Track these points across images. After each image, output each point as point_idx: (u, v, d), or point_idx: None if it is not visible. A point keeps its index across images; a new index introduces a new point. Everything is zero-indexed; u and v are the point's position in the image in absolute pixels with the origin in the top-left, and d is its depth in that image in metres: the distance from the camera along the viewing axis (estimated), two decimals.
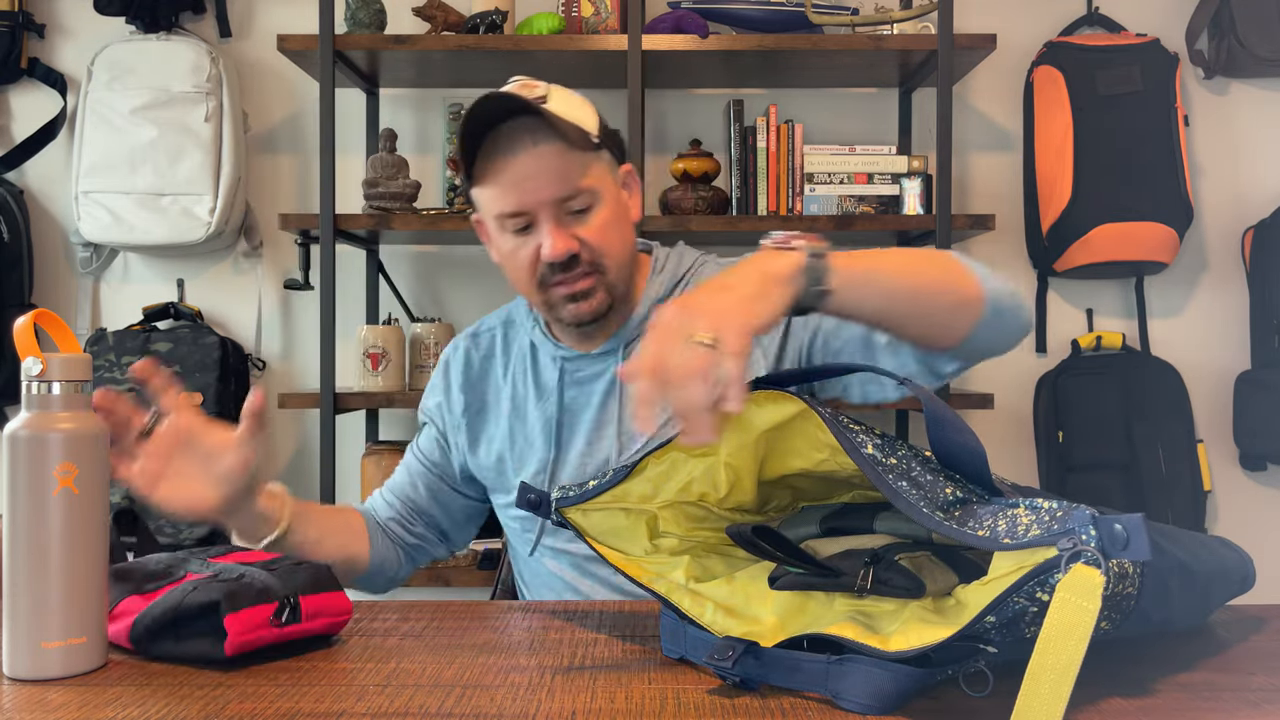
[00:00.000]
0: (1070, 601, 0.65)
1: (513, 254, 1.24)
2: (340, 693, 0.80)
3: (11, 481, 0.82)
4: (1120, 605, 0.81)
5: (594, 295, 1.23)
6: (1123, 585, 0.80)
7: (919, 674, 0.76)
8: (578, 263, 1.22)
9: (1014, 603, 0.70)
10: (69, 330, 0.88)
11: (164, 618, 0.87)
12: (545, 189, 1.19)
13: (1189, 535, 0.96)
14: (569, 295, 1.23)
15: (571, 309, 1.24)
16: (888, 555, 0.81)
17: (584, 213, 1.22)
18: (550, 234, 1.20)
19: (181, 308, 2.50)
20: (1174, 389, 2.45)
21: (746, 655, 0.81)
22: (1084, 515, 0.68)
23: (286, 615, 0.89)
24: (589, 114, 1.25)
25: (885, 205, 2.35)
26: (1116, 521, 0.66)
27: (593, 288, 1.23)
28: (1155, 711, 0.75)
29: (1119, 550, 0.66)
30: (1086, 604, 0.65)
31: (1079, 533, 0.67)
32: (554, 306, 1.25)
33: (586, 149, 1.21)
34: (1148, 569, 0.83)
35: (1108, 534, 0.67)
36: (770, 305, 0.91)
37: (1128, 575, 0.80)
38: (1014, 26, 2.55)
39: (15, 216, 2.49)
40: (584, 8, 2.35)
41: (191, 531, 2.33)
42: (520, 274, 1.25)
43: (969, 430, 0.82)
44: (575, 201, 1.21)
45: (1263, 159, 2.57)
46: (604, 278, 1.24)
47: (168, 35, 2.44)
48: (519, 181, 1.19)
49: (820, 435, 0.87)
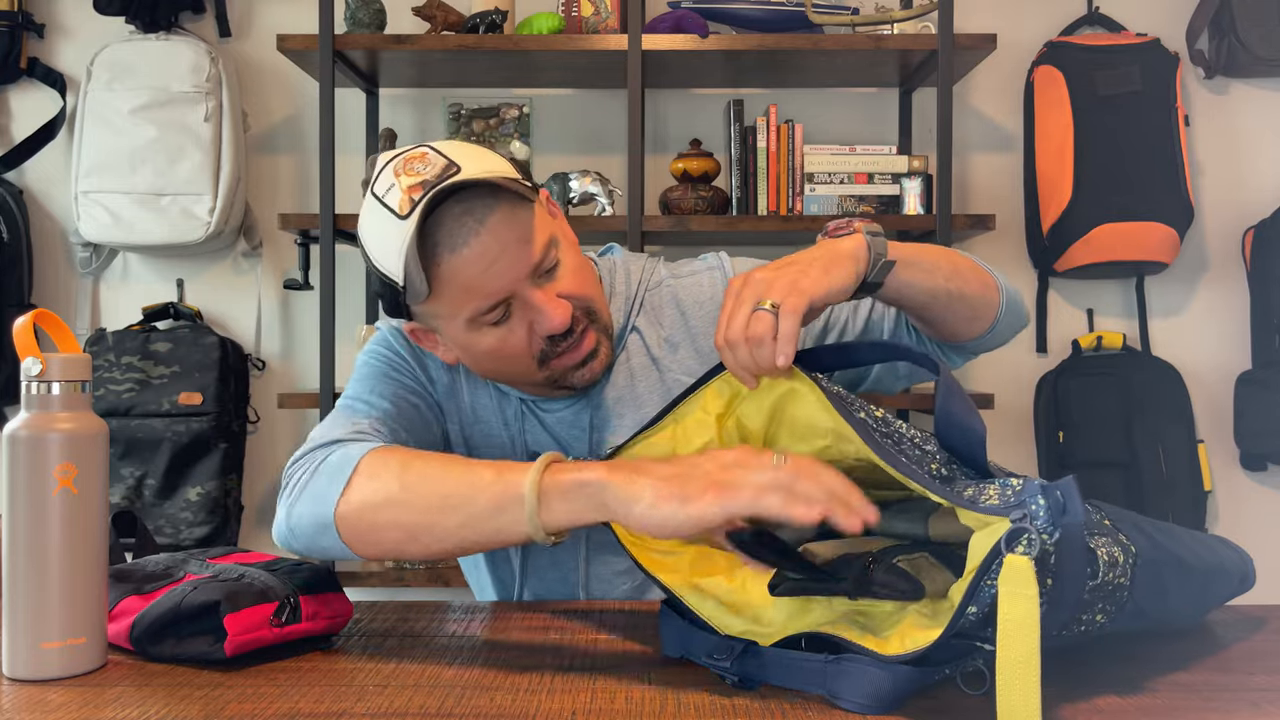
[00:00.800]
0: (1011, 593, 0.68)
1: (498, 348, 1.07)
2: (340, 693, 0.80)
3: (11, 481, 0.82)
4: (1113, 596, 0.81)
5: (600, 351, 1.12)
6: (1114, 573, 0.80)
7: (917, 673, 0.76)
8: (576, 322, 1.08)
9: (987, 588, 0.71)
10: (69, 330, 0.88)
11: (164, 618, 0.87)
12: (518, 264, 1.03)
13: (1187, 533, 0.97)
14: (579, 361, 1.10)
15: (583, 374, 1.11)
16: (886, 558, 0.82)
17: (554, 269, 1.07)
18: (544, 306, 1.05)
19: (181, 308, 2.50)
20: (1174, 389, 2.45)
21: (745, 655, 0.81)
22: (1034, 486, 0.70)
23: (286, 615, 0.90)
24: (499, 160, 1.07)
25: (885, 205, 2.35)
26: (1056, 488, 0.70)
27: (597, 343, 1.11)
28: (1155, 711, 0.75)
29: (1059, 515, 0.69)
30: (1025, 591, 0.67)
31: (1029, 503, 0.70)
32: (560, 378, 1.11)
33: (528, 199, 1.05)
34: (1143, 562, 0.83)
35: (1053, 501, 0.69)
36: (834, 278, 0.94)
37: (1118, 564, 0.80)
38: (1014, 26, 2.55)
39: (15, 216, 2.49)
40: (584, 7, 2.35)
41: (191, 533, 2.33)
42: (515, 363, 1.09)
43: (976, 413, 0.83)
44: (546, 261, 1.05)
45: (1263, 159, 2.57)
46: (599, 324, 1.12)
47: (167, 35, 2.44)
48: (486, 270, 1.02)
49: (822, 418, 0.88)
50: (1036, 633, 0.67)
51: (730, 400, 0.94)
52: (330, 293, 2.22)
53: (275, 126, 2.60)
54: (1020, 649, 0.67)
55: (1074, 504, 0.69)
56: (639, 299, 1.21)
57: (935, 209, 2.23)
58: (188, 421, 2.34)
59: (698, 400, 0.95)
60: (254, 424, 2.50)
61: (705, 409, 0.95)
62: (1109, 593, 0.80)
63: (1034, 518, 0.69)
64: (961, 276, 1.09)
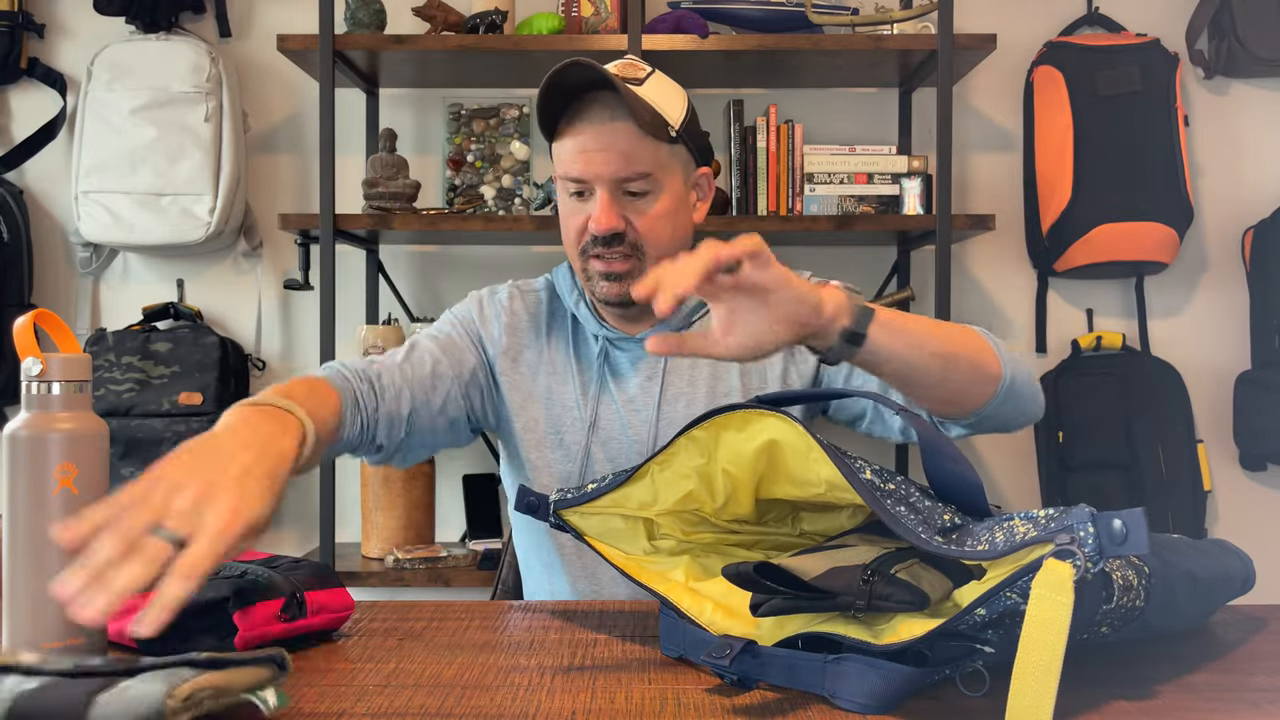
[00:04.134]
0: (1046, 597, 0.66)
1: (567, 216, 1.29)
2: (340, 693, 0.80)
3: (11, 481, 0.82)
4: (1125, 616, 0.81)
5: (628, 279, 1.26)
6: (1128, 598, 0.80)
7: (916, 674, 0.76)
8: (620, 241, 1.25)
9: (1005, 597, 0.70)
10: (69, 330, 0.88)
11: (171, 614, 0.88)
12: (607, 165, 1.23)
13: (1191, 544, 0.97)
14: (605, 272, 1.26)
15: (605, 286, 1.27)
16: (884, 569, 0.81)
17: (641, 197, 1.25)
18: (601, 207, 1.24)
19: (181, 308, 2.50)
20: (1174, 389, 2.45)
21: (744, 654, 0.81)
22: (1082, 513, 0.68)
23: (293, 611, 0.91)
24: (678, 106, 1.27)
25: (885, 205, 2.35)
26: (1115, 517, 0.67)
27: (628, 271, 1.26)
28: (1155, 711, 0.75)
29: (1117, 546, 0.67)
30: (1061, 598, 0.66)
31: (1077, 529, 0.68)
32: (590, 277, 1.29)
33: (660, 138, 1.23)
34: (1156, 581, 0.83)
35: (1105, 530, 0.67)
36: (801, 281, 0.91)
37: (1132, 588, 0.80)
38: (1014, 26, 2.55)
39: (15, 216, 2.49)
40: (584, 8, 2.35)
41: None
42: (569, 236, 1.30)
43: (965, 460, 0.82)
44: (634, 185, 1.24)
45: (1263, 159, 2.57)
46: (642, 264, 1.26)
47: (167, 35, 2.44)
48: (586, 151, 1.23)
49: (816, 468, 0.86)
50: (1063, 640, 0.65)
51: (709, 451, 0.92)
52: (330, 293, 2.22)
53: (275, 126, 2.60)
54: (1043, 653, 0.65)
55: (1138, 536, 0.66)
56: None
57: (935, 209, 2.23)
58: (188, 421, 2.34)
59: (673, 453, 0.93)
60: None
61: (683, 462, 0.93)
62: (1121, 615, 0.80)
63: (1082, 544, 0.67)
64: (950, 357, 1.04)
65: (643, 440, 1.31)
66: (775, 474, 0.91)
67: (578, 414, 1.32)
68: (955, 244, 2.51)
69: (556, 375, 1.34)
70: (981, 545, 0.73)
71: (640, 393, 1.32)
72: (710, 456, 0.92)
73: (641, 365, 1.33)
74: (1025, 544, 0.70)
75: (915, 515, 0.78)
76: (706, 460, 0.92)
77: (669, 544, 0.97)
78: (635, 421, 1.31)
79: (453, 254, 2.60)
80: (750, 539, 1.00)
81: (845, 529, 0.99)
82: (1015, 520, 0.73)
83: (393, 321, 2.40)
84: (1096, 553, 0.67)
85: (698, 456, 0.92)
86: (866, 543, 0.89)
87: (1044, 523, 0.71)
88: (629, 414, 1.32)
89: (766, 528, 1.01)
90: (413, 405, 1.24)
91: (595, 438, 1.32)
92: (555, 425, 1.33)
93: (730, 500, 0.94)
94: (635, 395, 1.32)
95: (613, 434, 1.32)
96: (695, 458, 0.92)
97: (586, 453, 1.31)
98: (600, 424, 1.32)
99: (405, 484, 2.30)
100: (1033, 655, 0.65)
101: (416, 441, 1.27)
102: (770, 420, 0.87)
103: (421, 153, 2.57)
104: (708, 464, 0.92)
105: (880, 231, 2.31)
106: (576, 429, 1.32)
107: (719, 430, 0.91)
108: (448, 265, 2.60)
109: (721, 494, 0.93)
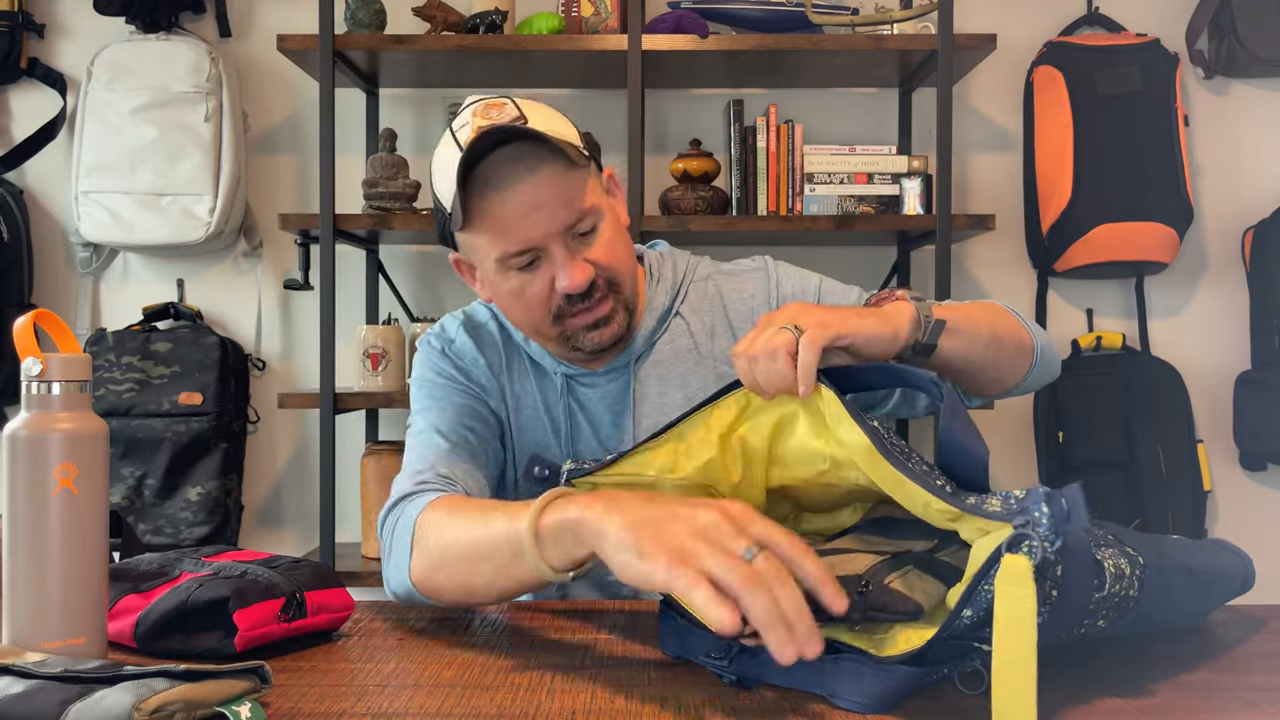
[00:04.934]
0: (1008, 593, 0.67)
1: (519, 293, 1.15)
2: (340, 693, 0.80)
3: (11, 481, 0.82)
4: (1119, 605, 0.81)
5: (614, 319, 1.18)
6: (1120, 585, 0.80)
7: (914, 673, 0.76)
8: (595, 289, 1.15)
9: (984, 592, 0.71)
10: (69, 330, 0.88)
11: (170, 614, 0.88)
12: (553, 219, 1.11)
13: (1189, 542, 0.97)
14: (590, 324, 1.17)
15: (593, 336, 1.18)
16: (878, 579, 0.81)
17: (589, 234, 1.15)
18: (566, 265, 1.12)
19: (181, 308, 2.50)
20: (1174, 389, 2.45)
21: (743, 654, 0.81)
22: (1038, 493, 0.70)
23: (293, 611, 0.91)
24: (568, 125, 1.16)
25: (885, 205, 2.35)
26: (1061, 495, 0.69)
27: (613, 311, 1.18)
28: (1155, 711, 0.76)
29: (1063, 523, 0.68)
30: (1022, 591, 0.67)
31: (1033, 509, 0.69)
32: (571, 338, 1.18)
33: (580, 165, 1.13)
34: (1150, 570, 0.83)
35: (1057, 509, 0.69)
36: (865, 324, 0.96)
37: (1125, 576, 0.80)
38: (1014, 26, 2.55)
39: (15, 216, 2.49)
40: (584, 8, 2.35)
41: (191, 533, 2.33)
42: (531, 312, 1.17)
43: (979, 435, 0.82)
44: (582, 224, 1.13)
45: (1263, 159, 2.57)
46: (620, 297, 1.18)
47: (167, 35, 2.44)
48: (524, 216, 1.10)
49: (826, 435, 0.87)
50: (1033, 634, 0.66)
51: (736, 417, 0.94)
52: (330, 293, 2.22)
53: (275, 126, 2.60)
54: (1016, 650, 0.66)
55: (1078, 511, 0.68)
56: (684, 287, 1.29)
57: (935, 209, 2.23)
58: (188, 421, 2.34)
59: (702, 418, 0.95)
60: (254, 424, 2.50)
61: (709, 426, 0.94)
62: (1115, 604, 0.80)
63: (1036, 524, 0.68)
64: (1000, 341, 1.12)
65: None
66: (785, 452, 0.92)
67: (556, 451, 1.25)
68: (955, 244, 2.51)
69: (526, 412, 1.26)
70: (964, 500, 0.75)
71: (612, 427, 1.25)
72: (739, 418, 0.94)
73: (609, 399, 1.25)
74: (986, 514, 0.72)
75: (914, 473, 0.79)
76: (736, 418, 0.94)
77: None
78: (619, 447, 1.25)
79: None
80: None
81: (845, 527, 0.99)
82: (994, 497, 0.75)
83: (393, 321, 2.40)
84: (1053, 531, 0.68)
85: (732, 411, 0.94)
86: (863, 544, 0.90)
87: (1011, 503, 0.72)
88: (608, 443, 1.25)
89: None
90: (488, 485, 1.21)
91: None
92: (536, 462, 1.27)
93: (744, 480, 0.94)
94: (609, 432, 1.25)
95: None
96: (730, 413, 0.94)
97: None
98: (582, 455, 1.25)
99: None
100: (1006, 653, 0.66)
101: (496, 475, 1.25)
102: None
103: (421, 153, 2.57)
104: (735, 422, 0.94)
105: (880, 231, 2.31)
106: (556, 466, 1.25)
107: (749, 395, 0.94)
108: (447, 265, 2.58)
109: (738, 467, 0.94)
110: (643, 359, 1.25)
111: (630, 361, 1.24)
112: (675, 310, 1.27)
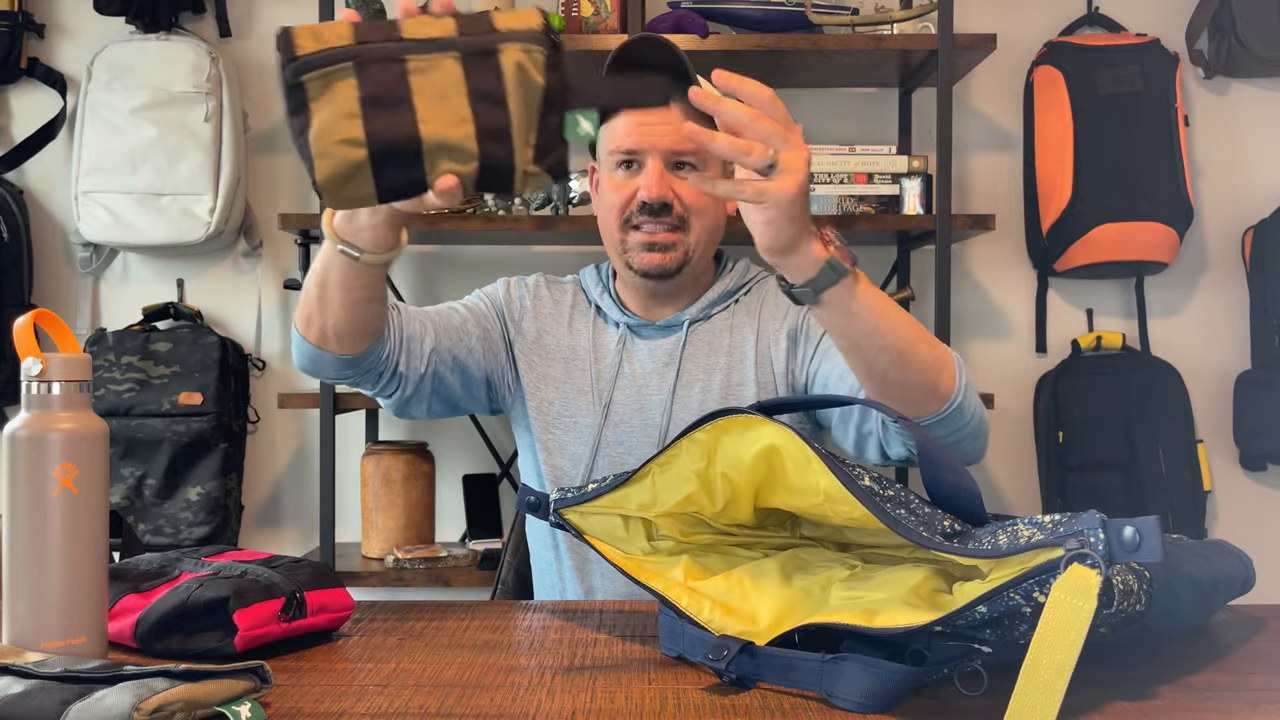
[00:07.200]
0: (1065, 601, 0.65)
1: (612, 188, 1.31)
2: (340, 693, 0.80)
3: (11, 481, 0.82)
4: (1125, 619, 0.81)
5: (672, 250, 1.30)
6: (1128, 602, 0.80)
7: (913, 673, 0.76)
8: (668, 212, 1.28)
9: (1008, 598, 0.70)
10: (69, 330, 0.88)
11: (171, 614, 0.88)
12: (664, 137, 1.26)
13: (1191, 546, 0.97)
14: (649, 242, 1.29)
15: (646, 256, 1.30)
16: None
17: (685, 168, 1.29)
18: (652, 176, 1.27)
19: (181, 308, 2.50)
20: (1174, 389, 2.45)
21: (742, 654, 0.81)
22: (1092, 518, 0.68)
23: (293, 610, 0.91)
24: None
25: (885, 205, 2.35)
26: (1129, 524, 0.66)
27: (674, 243, 1.30)
28: (1155, 712, 0.76)
29: (1129, 553, 0.66)
30: (1082, 604, 0.65)
31: (1086, 535, 0.67)
32: (630, 250, 1.31)
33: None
34: (1158, 584, 0.83)
35: (1116, 537, 0.66)
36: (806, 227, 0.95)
37: (1133, 593, 0.80)
38: (1014, 26, 2.55)
39: (15, 216, 2.49)
40: (584, 7, 2.35)
41: (191, 533, 2.33)
42: (611, 211, 1.32)
43: (964, 471, 0.82)
44: (684, 155, 1.28)
45: (1263, 159, 2.57)
46: (686, 237, 1.30)
47: (167, 35, 2.43)
48: (645, 123, 1.27)
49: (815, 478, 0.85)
50: (1078, 645, 0.64)
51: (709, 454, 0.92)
52: None
53: (275, 126, 2.60)
54: (1056, 656, 0.65)
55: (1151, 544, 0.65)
56: (746, 289, 1.40)
57: (935, 209, 2.23)
58: (188, 421, 2.34)
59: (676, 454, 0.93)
60: (254, 424, 2.50)
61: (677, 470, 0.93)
62: (1121, 618, 0.80)
63: (1094, 549, 0.66)
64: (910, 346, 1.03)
65: (655, 425, 1.33)
66: (774, 483, 0.90)
67: (592, 398, 1.35)
68: (955, 244, 2.51)
69: (576, 361, 1.38)
70: (984, 546, 0.73)
71: (656, 379, 1.35)
72: (710, 460, 0.92)
73: (659, 353, 1.36)
74: (1030, 547, 0.70)
75: (915, 518, 0.78)
76: (707, 463, 0.92)
77: (668, 544, 0.98)
78: (649, 406, 1.34)
79: (453, 254, 2.60)
80: (748, 539, 1.00)
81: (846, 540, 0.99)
82: (1019, 525, 0.73)
83: None
84: (1106, 559, 0.66)
85: (699, 459, 0.92)
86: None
87: (1050, 527, 0.70)
88: (643, 399, 1.34)
89: (765, 531, 1.01)
90: (435, 343, 1.29)
91: (608, 421, 1.34)
92: (569, 408, 1.36)
93: (729, 505, 0.94)
94: (650, 381, 1.35)
95: (625, 417, 1.34)
96: (696, 460, 0.92)
97: (599, 436, 1.34)
98: (614, 408, 1.35)
99: (405, 484, 2.30)
100: (1044, 657, 0.65)
101: (431, 385, 1.30)
102: (769, 428, 0.87)
103: None
104: (708, 467, 0.92)
105: (880, 231, 2.31)
106: (591, 412, 1.35)
107: (720, 434, 0.90)
108: (448, 265, 2.60)
109: (721, 498, 0.93)
110: (697, 324, 1.37)
111: (685, 323, 1.36)
112: (737, 298, 1.39)
